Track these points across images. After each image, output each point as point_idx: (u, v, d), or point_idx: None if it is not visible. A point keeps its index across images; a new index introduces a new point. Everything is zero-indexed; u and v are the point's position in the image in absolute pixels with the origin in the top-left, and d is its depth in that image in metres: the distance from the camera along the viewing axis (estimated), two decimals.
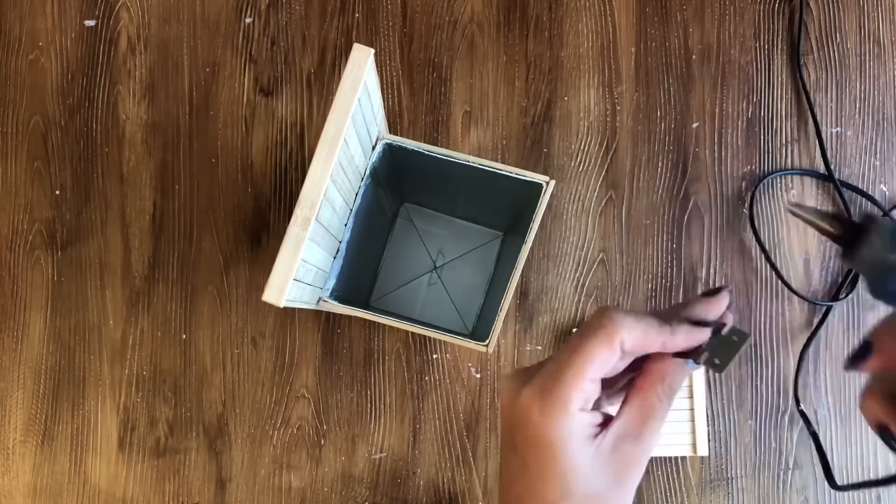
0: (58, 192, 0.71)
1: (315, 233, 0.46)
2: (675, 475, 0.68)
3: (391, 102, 0.71)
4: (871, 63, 0.72)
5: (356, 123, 0.47)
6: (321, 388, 0.69)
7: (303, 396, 0.68)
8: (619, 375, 0.35)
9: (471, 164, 0.55)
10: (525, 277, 0.69)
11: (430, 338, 0.67)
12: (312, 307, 0.53)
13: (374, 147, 0.56)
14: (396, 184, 0.66)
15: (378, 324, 0.69)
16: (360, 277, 0.66)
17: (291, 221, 0.44)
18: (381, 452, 0.68)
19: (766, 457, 0.68)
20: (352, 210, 0.56)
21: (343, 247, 0.56)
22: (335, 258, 0.55)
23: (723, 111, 0.71)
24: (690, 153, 0.71)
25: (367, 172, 0.56)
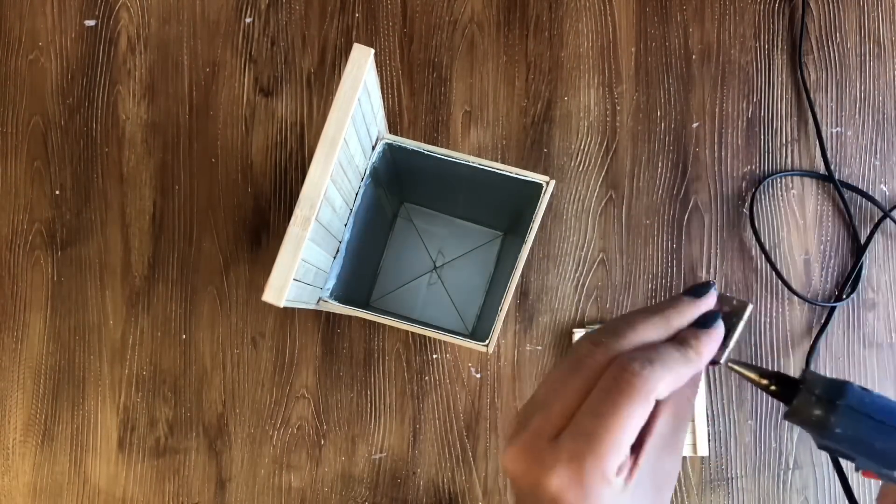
0: (58, 192, 0.71)
1: (315, 233, 0.46)
2: None
3: (391, 102, 0.71)
4: (872, 63, 0.72)
5: (356, 123, 0.47)
6: (321, 388, 0.69)
7: (303, 396, 0.68)
8: None
9: (471, 164, 0.55)
10: (525, 277, 0.69)
11: (430, 338, 0.67)
12: (312, 307, 0.53)
13: (374, 147, 0.56)
14: (396, 184, 0.66)
15: (378, 324, 0.69)
16: (360, 277, 0.66)
17: (291, 221, 0.44)
18: (381, 452, 0.68)
19: (766, 457, 0.68)
20: (352, 210, 0.56)
21: (343, 247, 0.55)
22: (335, 258, 0.55)
23: (723, 111, 0.71)
24: (690, 153, 0.71)
25: (367, 172, 0.56)
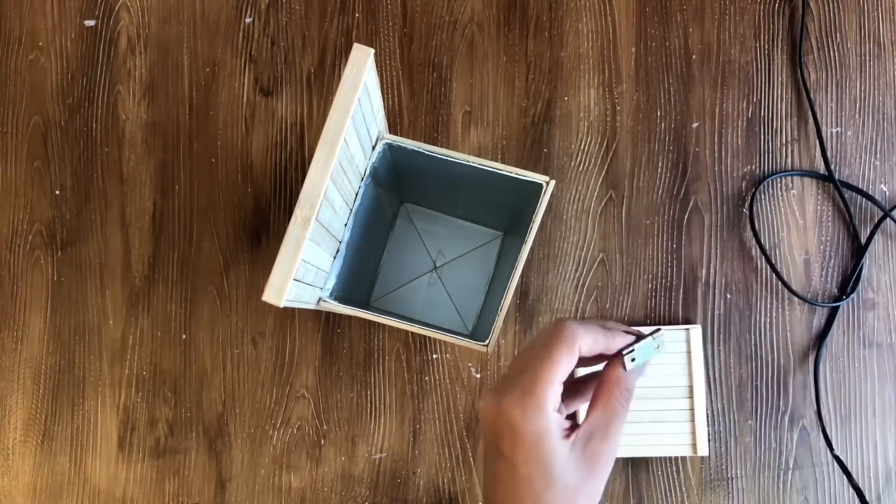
0: (58, 192, 0.71)
1: (315, 233, 0.46)
2: (675, 475, 0.68)
3: (391, 102, 0.71)
4: (872, 63, 0.72)
5: (356, 123, 0.47)
6: (321, 388, 0.69)
7: (303, 396, 0.68)
8: (579, 384, 0.41)
9: (471, 164, 0.55)
10: (525, 277, 0.69)
11: (430, 338, 0.67)
12: (312, 307, 0.53)
13: (374, 147, 0.56)
14: (396, 184, 0.66)
15: (378, 324, 0.69)
16: (360, 277, 0.66)
17: (291, 221, 0.44)
18: (381, 452, 0.68)
19: (766, 457, 0.68)
20: (352, 210, 0.56)
21: (343, 247, 0.56)
22: (335, 258, 0.55)
23: (723, 111, 0.71)
24: (690, 153, 0.71)
25: (367, 172, 0.56)
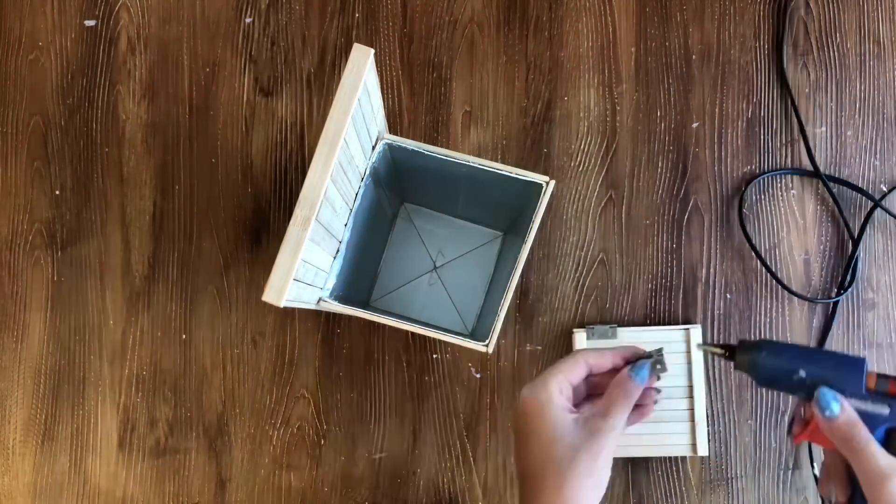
0: (58, 192, 0.71)
1: (315, 233, 0.46)
2: (675, 475, 0.68)
3: (391, 102, 0.71)
4: (871, 63, 0.72)
5: (356, 123, 0.47)
6: (321, 389, 0.69)
7: (303, 396, 0.68)
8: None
9: (471, 164, 0.55)
10: (525, 277, 0.69)
11: (430, 338, 0.67)
12: (312, 307, 0.53)
13: (374, 147, 0.56)
14: (396, 184, 0.66)
15: (378, 324, 0.69)
16: (360, 277, 0.66)
17: (291, 221, 0.44)
18: (381, 452, 0.68)
19: (766, 457, 0.68)
20: (352, 210, 0.56)
21: (343, 247, 0.56)
22: (335, 258, 0.55)
23: (723, 111, 0.71)
24: (690, 153, 0.71)
25: (367, 172, 0.56)
